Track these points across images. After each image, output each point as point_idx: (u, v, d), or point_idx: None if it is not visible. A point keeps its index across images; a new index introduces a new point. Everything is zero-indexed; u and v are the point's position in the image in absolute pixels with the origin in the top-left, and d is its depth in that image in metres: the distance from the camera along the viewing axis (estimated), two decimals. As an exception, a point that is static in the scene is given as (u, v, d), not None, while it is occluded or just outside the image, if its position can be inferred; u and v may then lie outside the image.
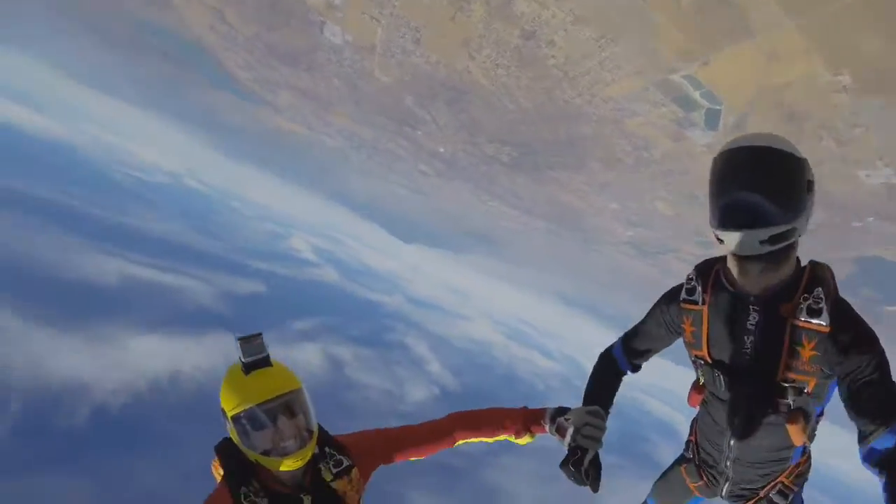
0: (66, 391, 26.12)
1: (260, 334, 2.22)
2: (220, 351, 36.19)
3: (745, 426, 2.30)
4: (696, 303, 2.25)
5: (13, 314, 28.19)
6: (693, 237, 24.31)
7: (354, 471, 2.38)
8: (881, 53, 11.06)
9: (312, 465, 2.34)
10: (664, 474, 3.04)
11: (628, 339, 2.59)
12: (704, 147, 16.26)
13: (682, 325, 2.34)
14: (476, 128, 23.42)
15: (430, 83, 20.38)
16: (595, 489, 2.19)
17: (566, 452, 2.22)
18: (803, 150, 1.97)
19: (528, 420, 2.51)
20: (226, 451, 2.29)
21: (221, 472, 2.29)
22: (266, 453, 2.17)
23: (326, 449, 2.39)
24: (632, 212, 24.87)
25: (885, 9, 10.28)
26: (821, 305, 1.95)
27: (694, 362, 2.37)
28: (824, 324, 1.94)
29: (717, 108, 14.64)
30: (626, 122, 16.53)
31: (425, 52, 17.80)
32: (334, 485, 2.34)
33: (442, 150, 29.90)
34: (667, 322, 2.42)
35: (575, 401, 2.52)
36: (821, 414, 2.26)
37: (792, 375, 2.05)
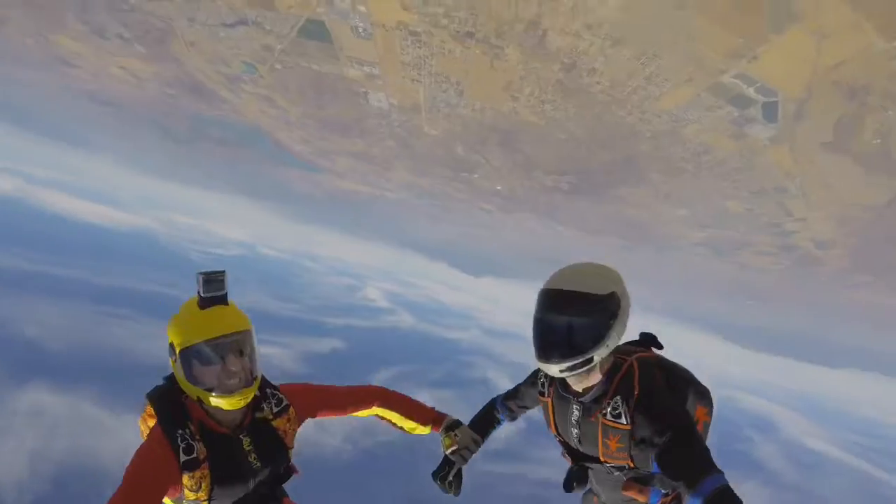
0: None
1: (223, 271, 2.21)
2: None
3: (600, 487, 2.79)
4: (543, 395, 2.72)
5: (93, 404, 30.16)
6: (768, 229, 23.65)
7: (292, 409, 2.47)
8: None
9: (253, 407, 2.37)
10: None
11: (508, 396, 3.09)
12: (767, 140, 15.87)
13: (541, 408, 2.80)
14: (531, 163, 23.48)
15: (479, 129, 20.69)
16: (457, 494, 2.84)
17: (441, 459, 2.87)
18: (871, 124, 2.02)
19: (434, 419, 2.90)
20: (160, 397, 2.23)
21: (150, 424, 2.26)
22: (210, 390, 2.13)
23: (267, 390, 2.45)
24: (702, 215, 24.50)
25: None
26: (618, 411, 2.32)
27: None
28: (624, 422, 2.30)
29: (774, 100, 14.24)
30: (683, 132, 16.34)
31: (469, 101, 18.17)
32: (275, 423, 2.41)
33: (499, 187, 30.11)
34: (532, 397, 2.94)
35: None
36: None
37: (609, 460, 2.43)
